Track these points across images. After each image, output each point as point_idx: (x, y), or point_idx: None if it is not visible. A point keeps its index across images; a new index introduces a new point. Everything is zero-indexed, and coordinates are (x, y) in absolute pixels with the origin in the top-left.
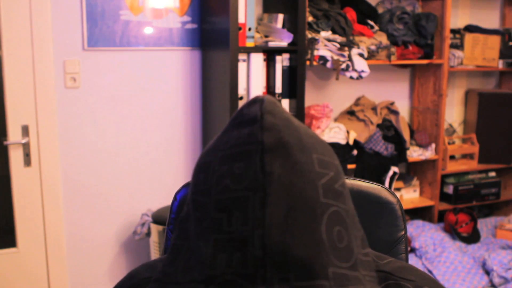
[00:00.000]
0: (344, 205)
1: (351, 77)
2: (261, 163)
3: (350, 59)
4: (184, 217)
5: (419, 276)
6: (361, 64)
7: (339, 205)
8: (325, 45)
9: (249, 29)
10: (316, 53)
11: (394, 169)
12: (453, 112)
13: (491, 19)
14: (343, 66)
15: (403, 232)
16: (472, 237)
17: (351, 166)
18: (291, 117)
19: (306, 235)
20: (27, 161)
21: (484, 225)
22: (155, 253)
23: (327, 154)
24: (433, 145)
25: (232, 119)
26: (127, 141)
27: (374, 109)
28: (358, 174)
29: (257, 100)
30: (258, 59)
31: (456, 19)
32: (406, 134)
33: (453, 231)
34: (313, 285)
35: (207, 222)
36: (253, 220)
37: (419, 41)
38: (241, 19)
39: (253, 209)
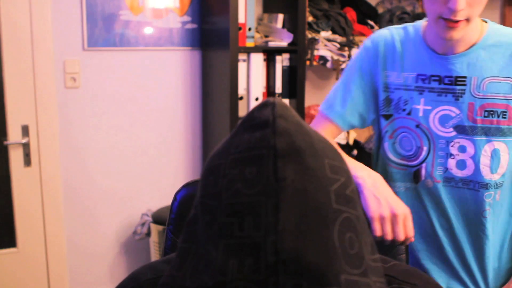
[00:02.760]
0: (355, 211)
1: None
2: (274, 168)
3: (350, 59)
4: (191, 220)
5: (423, 281)
6: None
7: (350, 211)
8: (325, 45)
9: (249, 29)
10: (316, 53)
11: None
12: None
13: (491, 19)
14: (343, 66)
15: None
16: None
17: None
18: (302, 122)
19: (319, 242)
20: (27, 161)
21: None
22: (155, 253)
23: (337, 159)
24: None
25: (242, 122)
26: (127, 141)
27: None
28: None
29: (268, 104)
30: (258, 59)
31: None
32: None
33: None
34: None
35: (217, 226)
36: (265, 226)
37: None
38: (241, 19)
39: (265, 214)
